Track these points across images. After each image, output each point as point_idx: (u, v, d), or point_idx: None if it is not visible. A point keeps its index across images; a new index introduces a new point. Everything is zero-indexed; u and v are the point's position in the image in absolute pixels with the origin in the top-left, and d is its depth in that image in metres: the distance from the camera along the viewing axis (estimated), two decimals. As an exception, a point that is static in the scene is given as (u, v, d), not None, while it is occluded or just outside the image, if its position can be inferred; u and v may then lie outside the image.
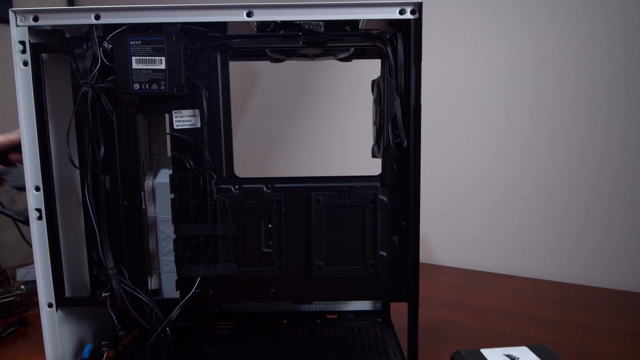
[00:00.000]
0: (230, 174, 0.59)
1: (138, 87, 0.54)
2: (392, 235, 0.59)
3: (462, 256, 1.15)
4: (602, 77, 0.97)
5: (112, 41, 0.54)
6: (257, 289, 0.60)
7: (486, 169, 1.11)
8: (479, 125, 1.10)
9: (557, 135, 1.02)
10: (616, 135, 0.97)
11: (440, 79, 1.12)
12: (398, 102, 0.56)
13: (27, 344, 0.74)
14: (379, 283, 0.60)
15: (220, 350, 0.67)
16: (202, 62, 0.56)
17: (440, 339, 0.75)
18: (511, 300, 0.91)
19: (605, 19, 0.95)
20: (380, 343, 0.69)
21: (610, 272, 0.99)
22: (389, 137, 0.57)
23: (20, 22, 0.54)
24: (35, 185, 0.57)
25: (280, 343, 0.69)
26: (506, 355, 0.57)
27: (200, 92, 0.56)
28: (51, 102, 0.58)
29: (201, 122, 0.57)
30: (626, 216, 0.97)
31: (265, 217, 0.59)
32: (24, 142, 0.56)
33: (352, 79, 1.24)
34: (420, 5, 0.54)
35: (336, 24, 0.57)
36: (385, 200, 0.59)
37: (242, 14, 0.54)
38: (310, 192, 0.58)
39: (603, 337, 0.74)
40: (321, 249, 0.59)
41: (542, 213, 1.05)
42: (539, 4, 1.01)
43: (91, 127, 0.55)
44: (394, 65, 0.56)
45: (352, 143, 1.26)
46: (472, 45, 1.09)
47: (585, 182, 1.01)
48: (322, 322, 0.76)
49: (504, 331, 0.77)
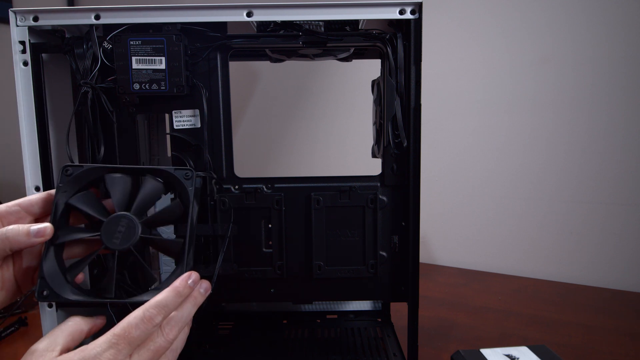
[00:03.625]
0: (230, 174, 0.59)
1: (138, 87, 0.54)
2: (392, 235, 0.59)
3: (462, 256, 1.15)
4: (602, 77, 0.97)
5: (112, 41, 0.54)
6: (257, 289, 0.60)
7: (486, 169, 1.11)
8: (479, 125, 1.10)
9: (557, 135, 1.02)
10: (616, 135, 0.97)
11: (440, 79, 1.12)
12: (398, 102, 0.56)
13: (27, 344, 0.74)
14: (379, 283, 0.60)
15: (220, 350, 0.67)
16: (202, 62, 0.56)
17: (440, 339, 0.75)
18: (511, 300, 0.91)
19: (605, 19, 0.95)
20: (380, 343, 0.69)
21: (610, 272, 0.99)
22: (389, 137, 0.57)
23: (20, 22, 0.54)
24: (35, 185, 0.57)
25: (280, 343, 0.69)
26: (506, 355, 0.57)
27: (200, 92, 0.56)
28: (51, 102, 0.58)
29: (201, 122, 0.57)
30: (626, 216, 0.97)
31: (265, 217, 0.59)
32: (24, 142, 0.56)
33: (352, 79, 1.24)
34: (420, 5, 0.54)
35: (336, 24, 0.57)
36: (385, 200, 0.59)
37: (242, 14, 0.54)
38: (310, 192, 0.58)
39: (603, 337, 0.74)
40: (321, 249, 0.59)
41: (542, 213, 1.05)
42: (539, 4, 1.01)
43: (91, 127, 0.55)
44: (394, 65, 0.56)
45: (352, 143, 1.26)
46: (472, 45, 1.09)
47: (585, 182, 1.01)
48: (322, 322, 0.76)
49: (504, 331, 0.77)
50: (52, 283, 0.45)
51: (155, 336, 0.41)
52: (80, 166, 0.48)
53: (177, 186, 0.49)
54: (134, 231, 0.46)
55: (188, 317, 0.44)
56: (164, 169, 0.49)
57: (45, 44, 0.57)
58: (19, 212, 0.46)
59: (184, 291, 0.43)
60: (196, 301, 0.45)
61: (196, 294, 0.45)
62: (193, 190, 0.48)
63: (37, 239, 0.44)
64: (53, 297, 0.45)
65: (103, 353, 0.38)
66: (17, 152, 0.56)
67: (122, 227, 0.46)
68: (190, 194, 0.48)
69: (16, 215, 0.46)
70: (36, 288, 0.45)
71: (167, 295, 0.42)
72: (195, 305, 0.45)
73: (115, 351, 0.38)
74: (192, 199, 0.48)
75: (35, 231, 0.44)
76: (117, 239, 0.46)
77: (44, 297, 0.45)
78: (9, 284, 0.46)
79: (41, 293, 0.45)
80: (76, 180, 0.48)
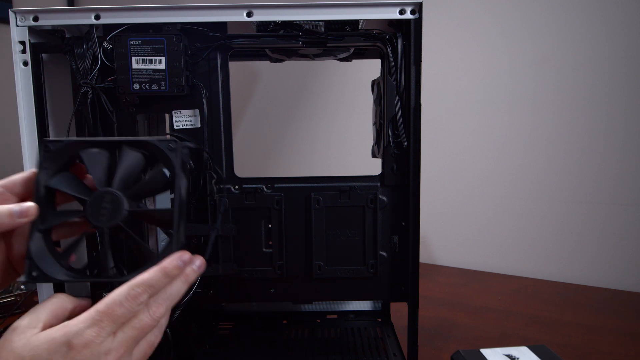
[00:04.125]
0: (230, 174, 0.59)
1: (138, 87, 0.54)
2: (392, 235, 0.59)
3: (462, 256, 1.15)
4: (602, 77, 0.97)
5: (112, 41, 0.54)
6: (257, 289, 0.60)
7: (486, 169, 1.11)
8: (479, 125, 1.10)
9: (557, 135, 1.02)
10: (616, 135, 0.97)
11: (440, 79, 1.12)
12: (398, 102, 0.56)
13: (27, 344, 0.74)
14: (379, 283, 0.60)
15: (220, 350, 0.67)
16: (202, 62, 0.56)
17: (440, 339, 0.75)
18: (511, 300, 0.91)
19: (605, 19, 0.95)
20: (380, 343, 0.69)
21: (610, 272, 0.99)
22: (389, 137, 0.57)
23: (20, 22, 0.54)
24: (35, 185, 0.57)
25: (280, 343, 0.69)
26: (506, 355, 0.57)
27: (200, 92, 0.56)
28: (51, 102, 0.58)
29: (201, 122, 0.57)
30: (626, 216, 0.97)
31: (265, 217, 0.59)
32: (24, 142, 0.56)
33: (352, 79, 1.24)
34: (420, 5, 0.54)
35: (336, 24, 0.57)
36: (385, 200, 0.59)
37: (242, 14, 0.54)
38: (310, 192, 0.58)
39: (603, 337, 0.74)
40: (321, 249, 0.59)
41: (542, 213, 1.05)
42: (539, 4, 1.01)
43: (91, 127, 0.55)
44: (394, 65, 0.56)
45: (352, 143, 1.26)
46: (472, 45, 1.09)
47: (585, 182, 1.01)
48: (322, 322, 0.76)
49: (504, 331, 0.77)
50: (41, 263, 0.44)
51: (141, 313, 0.39)
52: (59, 141, 0.46)
53: (162, 159, 0.47)
54: (120, 206, 0.44)
55: (177, 294, 0.42)
56: (146, 139, 0.47)
57: (45, 44, 0.57)
58: (3, 194, 0.45)
59: (172, 272, 0.41)
60: (188, 279, 0.43)
61: (188, 271, 0.43)
62: (179, 163, 0.46)
63: (21, 220, 0.43)
64: (42, 278, 0.44)
65: (86, 330, 0.37)
66: (17, 152, 0.56)
67: (106, 204, 0.44)
68: (176, 166, 0.46)
69: (0, 197, 0.45)
70: (25, 269, 0.44)
71: (154, 275, 0.40)
72: (186, 282, 0.43)
73: (99, 328, 0.37)
74: (177, 171, 0.46)
75: (18, 212, 0.43)
76: (103, 215, 0.44)
77: (34, 277, 0.44)
78: (3, 266, 0.45)
79: (30, 274, 0.44)
80: (57, 155, 0.46)
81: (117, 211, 0.44)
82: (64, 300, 0.43)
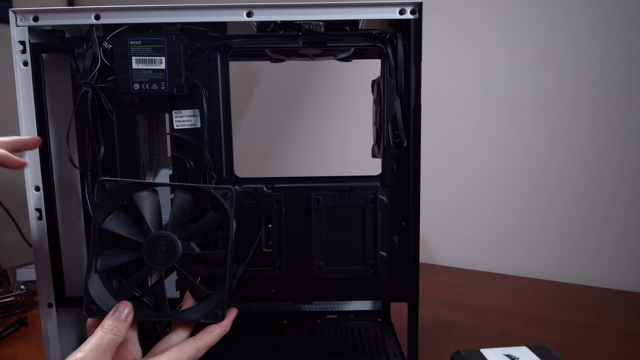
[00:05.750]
0: (230, 174, 0.59)
1: (138, 87, 0.54)
2: (392, 235, 0.59)
3: (462, 256, 1.15)
4: (602, 77, 0.97)
5: (112, 41, 0.54)
6: (257, 289, 0.60)
7: (486, 169, 1.11)
8: (479, 125, 1.10)
9: (557, 135, 1.02)
10: (616, 135, 0.97)
11: (440, 79, 1.12)
12: (398, 102, 0.56)
13: (27, 344, 0.74)
14: (379, 283, 0.60)
15: (220, 350, 0.67)
16: (202, 62, 0.56)
17: (440, 339, 0.75)
18: (511, 300, 0.91)
19: (605, 19, 0.95)
20: (380, 343, 0.69)
21: (610, 272, 0.99)
22: (389, 137, 0.57)
23: (20, 22, 0.54)
24: (35, 185, 0.57)
25: (280, 343, 0.69)
26: (506, 355, 0.57)
27: (200, 92, 0.56)
28: (51, 102, 0.58)
29: (201, 122, 0.57)
30: (626, 216, 0.97)
31: (265, 217, 0.59)
32: (24, 142, 0.56)
33: (352, 79, 1.24)
34: (420, 5, 0.54)
35: (336, 24, 0.57)
36: (385, 200, 0.59)
37: (242, 14, 0.54)
38: (310, 192, 0.58)
39: (603, 337, 0.74)
40: (321, 249, 0.59)
41: (542, 213, 1.05)
42: (539, 4, 1.01)
43: (91, 127, 0.55)
44: (394, 65, 0.56)
45: (352, 143, 1.26)
46: (472, 45, 1.09)
47: (585, 182, 1.01)
48: (322, 322, 0.76)
49: (504, 331, 0.77)
50: (99, 300, 0.47)
51: None
52: (115, 181, 0.49)
53: (215, 204, 0.50)
54: (175, 249, 0.47)
55: None
56: (203, 187, 0.50)
57: (45, 44, 0.57)
58: None
59: None
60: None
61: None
62: (233, 211, 0.48)
63: None
64: (100, 313, 0.47)
65: None
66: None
67: (162, 246, 0.47)
68: (230, 214, 0.48)
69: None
70: (84, 305, 0.47)
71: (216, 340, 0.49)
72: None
73: None
74: (232, 219, 0.48)
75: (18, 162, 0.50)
76: (160, 258, 0.47)
77: (93, 312, 0.47)
78: None
79: (89, 309, 0.47)
80: (112, 195, 0.49)
81: (172, 254, 0.47)
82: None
